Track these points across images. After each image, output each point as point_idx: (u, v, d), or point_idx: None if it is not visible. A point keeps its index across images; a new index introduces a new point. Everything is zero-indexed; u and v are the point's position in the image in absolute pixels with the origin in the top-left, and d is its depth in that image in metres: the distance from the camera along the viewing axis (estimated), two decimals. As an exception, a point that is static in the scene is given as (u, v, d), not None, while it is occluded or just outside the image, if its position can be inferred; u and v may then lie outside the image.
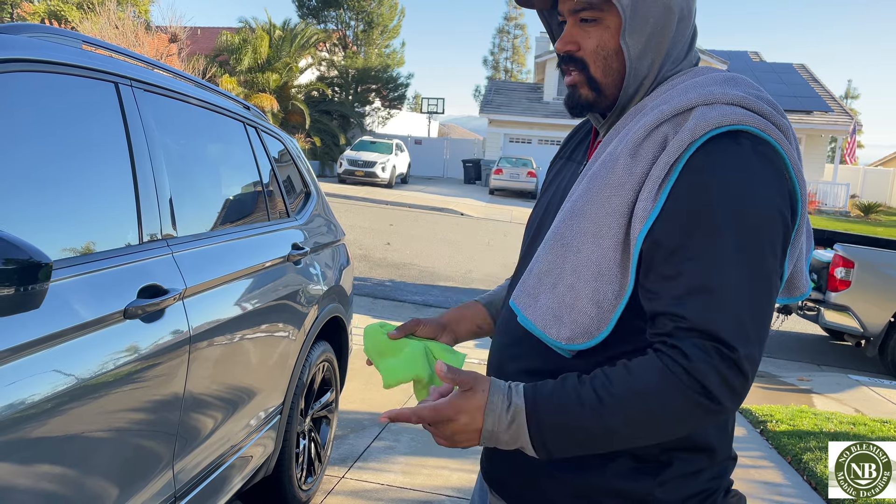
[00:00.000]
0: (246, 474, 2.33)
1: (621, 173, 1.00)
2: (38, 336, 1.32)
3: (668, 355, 0.93)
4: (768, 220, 0.95)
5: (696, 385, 0.91)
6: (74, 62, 1.66)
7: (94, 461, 1.49)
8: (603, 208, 1.00)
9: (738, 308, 0.92)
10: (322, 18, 29.64)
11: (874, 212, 24.78)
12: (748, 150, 0.96)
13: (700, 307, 0.92)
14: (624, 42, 1.03)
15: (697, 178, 0.95)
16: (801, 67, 28.61)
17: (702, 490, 1.04)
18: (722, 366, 0.91)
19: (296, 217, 2.96)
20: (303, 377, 2.75)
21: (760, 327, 0.94)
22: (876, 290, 6.55)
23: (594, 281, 1.00)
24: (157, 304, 1.68)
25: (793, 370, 6.45)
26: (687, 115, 0.99)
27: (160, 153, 1.91)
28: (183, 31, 20.06)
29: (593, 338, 1.00)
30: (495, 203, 20.58)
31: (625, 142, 1.02)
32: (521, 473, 1.10)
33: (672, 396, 0.92)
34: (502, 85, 32.55)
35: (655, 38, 1.04)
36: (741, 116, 0.97)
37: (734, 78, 1.04)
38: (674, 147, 0.96)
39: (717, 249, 0.93)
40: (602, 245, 1.00)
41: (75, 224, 1.60)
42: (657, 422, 0.94)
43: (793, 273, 1.09)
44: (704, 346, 0.91)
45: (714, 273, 0.92)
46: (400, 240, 11.79)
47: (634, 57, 1.04)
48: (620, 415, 0.93)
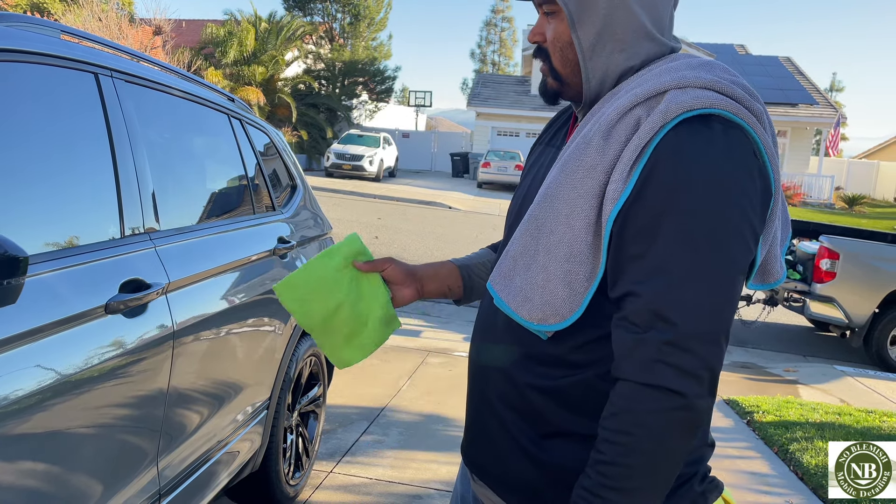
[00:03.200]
0: (232, 470, 2.31)
1: (594, 155, 1.00)
2: (16, 332, 1.29)
3: (620, 380, 0.93)
4: (735, 203, 0.94)
5: (654, 386, 0.90)
6: (52, 52, 1.63)
7: (75, 458, 1.46)
8: (575, 190, 1.01)
9: (692, 289, 0.91)
10: (308, 11, 29.42)
11: (858, 204, 25.00)
12: (718, 133, 0.95)
13: (656, 287, 0.92)
14: (575, 35, 1.05)
15: (666, 160, 0.94)
16: (786, 60, 28.75)
17: (679, 474, 1.03)
18: (668, 348, 0.90)
19: (282, 210, 2.94)
20: (290, 372, 2.73)
21: (719, 309, 0.92)
22: (861, 282, 6.60)
23: (566, 262, 1.00)
24: (139, 298, 1.66)
25: (779, 361, 6.50)
26: (660, 99, 0.99)
27: (142, 145, 1.88)
28: (167, 24, 19.85)
29: (565, 319, 1.01)
30: (483, 196, 20.57)
31: (598, 124, 1.02)
32: (501, 457, 1.10)
33: (638, 410, 0.91)
34: (490, 78, 32.49)
35: (610, 30, 1.04)
36: (713, 100, 0.96)
37: (709, 63, 1.04)
38: (645, 129, 0.96)
39: (680, 231, 0.92)
40: (574, 227, 1.00)
41: (54, 217, 1.57)
42: (648, 447, 0.91)
43: (767, 259, 1.08)
44: (655, 326, 0.91)
45: (674, 254, 0.92)
46: (388, 233, 11.76)
47: (587, 49, 1.06)
48: (624, 471, 0.92)
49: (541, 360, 1.06)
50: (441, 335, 6.02)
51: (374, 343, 1.27)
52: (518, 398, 1.07)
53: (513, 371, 1.08)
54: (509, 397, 1.09)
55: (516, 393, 1.08)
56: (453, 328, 6.33)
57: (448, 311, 7.04)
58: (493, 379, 1.12)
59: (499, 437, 1.08)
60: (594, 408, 1.01)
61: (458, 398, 4.31)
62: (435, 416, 4.01)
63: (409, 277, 1.29)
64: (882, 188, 30.52)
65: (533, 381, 1.06)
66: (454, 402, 4.23)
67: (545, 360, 1.05)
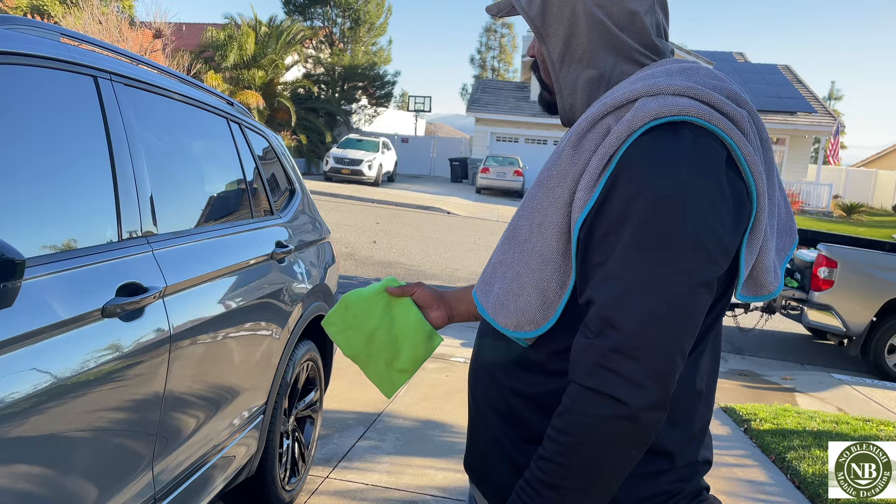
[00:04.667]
0: (228, 475, 2.31)
1: (565, 164, 1.01)
2: (12, 335, 1.29)
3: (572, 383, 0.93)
4: (695, 213, 0.91)
5: (597, 391, 0.90)
6: (52, 55, 1.63)
7: (70, 462, 1.46)
8: (547, 199, 1.02)
9: (643, 298, 0.89)
10: (308, 15, 29.49)
11: (856, 212, 25.04)
12: (687, 141, 0.93)
13: (608, 293, 0.91)
14: (546, 48, 1.10)
15: (628, 169, 0.93)
16: (785, 68, 28.83)
17: (662, 492, 1.02)
18: (613, 355, 0.89)
19: (280, 215, 2.93)
20: (286, 376, 2.72)
21: (671, 321, 0.90)
22: (858, 290, 6.61)
23: (539, 270, 1.01)
24: (136, 302, 1.65)
25: (776, 369, 6.49)
26: (629, 107, 0.98)
27: (141, 148, 1.88)
28: (167, 27, 19.87)
29: (539, 326, 1.02)
30: (482, 202, 20.58)
31: (570, 134, 1.03)
32: (486, 459, 1.12)
33: (580, 413, 0.91)
34: (489, 84, 32.55)
35: (573, 44, 1.07)
36: (683, 107, 0.94)
37: (690, 68, 1.02)
38: (612, 138, 0.96)
39: (635, 240, 0.91)
40: (545, 235, 1.01)
41: (52, 220, 1.56)
42: (585, 451, 0.90)
43: (756, 270, 1.04)
44: (604, 332, 0.90)
45: (627, 263, 0.91)
46: (386, 238, 11.76)
47: (556, 60, 1.09)
48: (560, 469, 0.91)
49: (523, 367, 1.07)
50: (439, 340, 6.01)
51: (415, 362, 1.33)
52: (502, 402, 1.09)
53: (498, 375, 1.10)
54: (494, 401, 1.10)
55: (500, 397, 1.09)
56: (451, 334, 6.32)
57: (446, 317, 7.03)
58: (482, 382, 1.14)
59: (485, 439, 1.10)
60: None
61: (454, 404, 4.30)
62: (432, 422, 4.01)
63: (438, 300, 1.34)
64: (880, 196, 30.57)
65: (515, 387, 1.07)
66: (451, 408, 4.23)
67: (527, 367, 1.06)
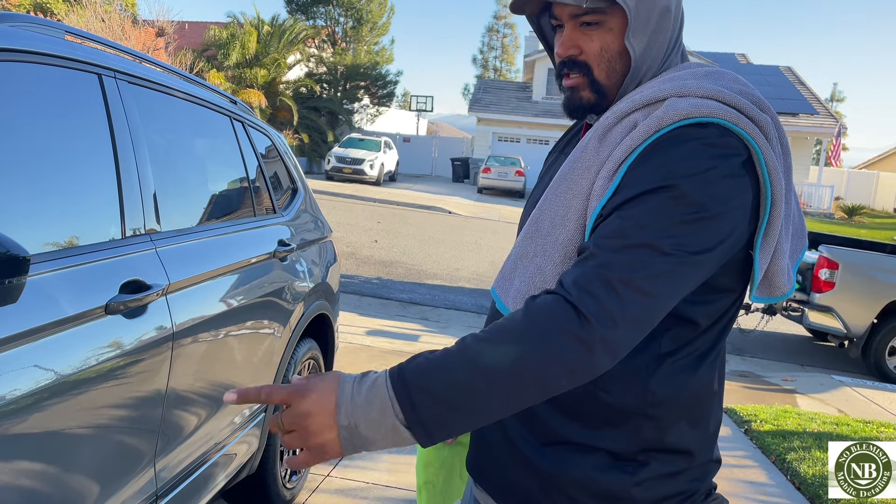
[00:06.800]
0: (229, 472, 2.31)
1: (590, 156, 1.01)
2: (17, 331, 1.30)
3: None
4: (705, 207, 0.91)
5: (572, 304, 0.87)
6: (56, 52, 1.63)
7: (73, 459, 1.46)
8: (571, 191, 1.01)
9: (638, 254, 0.89)
10: (311, 14, 29.50)
11: (858, 214, 25.03)
12: (711, 139, 0.94)
13: (606, 244, 0.91)
14: (629, 43, 1.03)
15: (650, 160, 0.94)
16: (787, 70, 28.82)
17: (681, 491, 1.03)
18: (598, 283, 0.88)
19: (282, 213, 2.94)
20: (288, 374, 2.72)
21: (656, 286, 0.89)
22: (859, 292, 6.61)
23: (562, 264, 1.00)
24: (139, 299, 1.66)
25: (777, 370, 6.49)
26: (658, 105, 0.99)
27: (144, 146, 1.89)
28: (170, 26, 19.89)
29: None
30: (483, 202, 20.58)
31: (596, 129, 1.03)
32: (501, 464, 1.10)
33: (542, 309, 0.88)
34: (491, 84, 32.54)
35: (654, 38, 1.04)
36: (712, 109, 0.95)
37: (716, 72, 1.04)
38: (639, 132, 0.97)
39: (647, 206, 0.91)
40: (568, 227, 1.01)
41: (55, 217, 1.57)
42: (530, 353, 0.87)
43: (771, 273, 1.04)
44: (594, 262, 0.90)
45: (632, 224, 0.91)
46: (387, 237, 11.76)
47: (639, 57, 1.04)
48: (490, 350, 0.87)
49: None
50: (439, 340, 6.01)
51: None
52: None
53: None
54: None
55: None
56: (452, 332, 6.32)
57: (447, 316, 7.04)
58: None
59: (498, 442, 1.07)
60: (592, 417, 1.01)
61: (455, 403, 4.30)
62: (432, 421, 4.00)
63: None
64: (881, 198, 30.54)
65: None
66: (452, 408, 4.22)
67: None
